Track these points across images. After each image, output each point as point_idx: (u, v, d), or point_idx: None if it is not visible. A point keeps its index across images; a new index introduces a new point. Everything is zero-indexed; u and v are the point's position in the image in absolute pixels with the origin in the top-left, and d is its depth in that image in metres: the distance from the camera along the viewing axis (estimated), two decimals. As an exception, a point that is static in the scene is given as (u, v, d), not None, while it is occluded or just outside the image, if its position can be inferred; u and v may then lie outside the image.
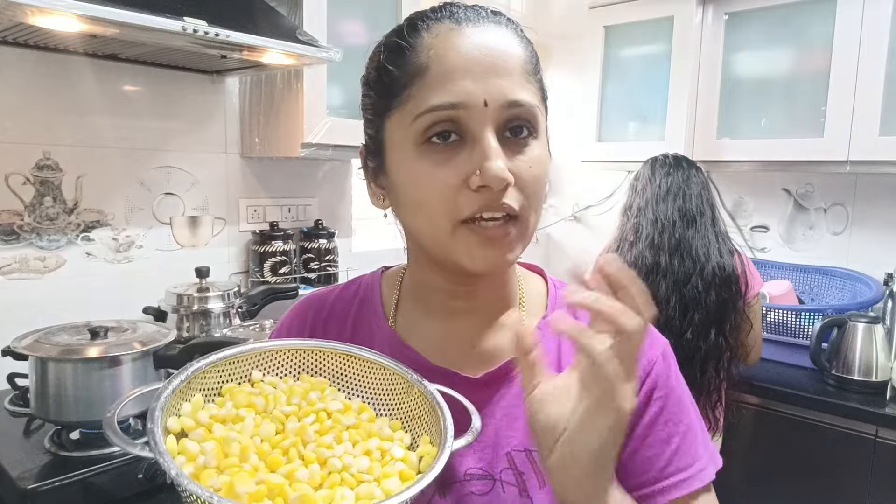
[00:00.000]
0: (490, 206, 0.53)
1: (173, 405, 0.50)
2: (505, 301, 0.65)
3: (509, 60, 0.55)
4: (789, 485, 1.78)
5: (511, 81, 0.54)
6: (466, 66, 0.53)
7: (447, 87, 0.53)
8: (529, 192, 0.55)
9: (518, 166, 0.54)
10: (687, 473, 0.60)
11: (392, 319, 0.67)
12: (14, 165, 1.40)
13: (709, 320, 1.62)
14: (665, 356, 0.64)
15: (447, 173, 0.54)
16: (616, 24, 2.33)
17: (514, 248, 0.56)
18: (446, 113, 0.53)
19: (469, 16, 0.56)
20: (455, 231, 0.55)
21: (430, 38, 0.55)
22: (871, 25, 1.82)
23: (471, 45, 0.54)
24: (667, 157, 1.78)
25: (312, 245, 1.89)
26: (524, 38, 0.58)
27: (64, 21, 1.07)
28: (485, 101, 0.53)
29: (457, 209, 0.54)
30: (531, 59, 0.58)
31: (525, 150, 0.55)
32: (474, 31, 0.55)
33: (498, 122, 0.54)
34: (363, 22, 1.72)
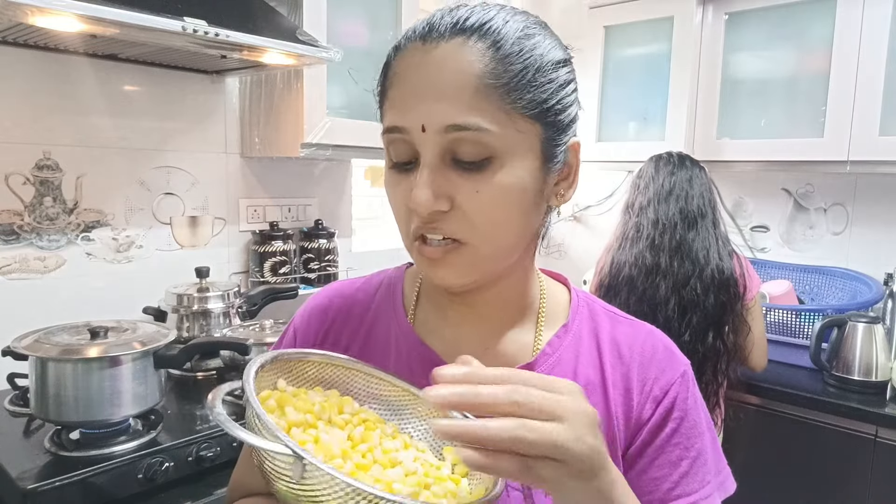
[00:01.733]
0: (426, 228, 0.55)
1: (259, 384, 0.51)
2: (520, 308, 0.65)
3: (460, 80, 0.51)
4: (789, 485, 1.78)
5: (455, 104, 0.51)
6: (414, 90, 0.53)
7: (397, 110, 0.55)
8: (476, 219, 0.53)
9: (464, 192, 0.53)
10: (690, 500, 0.60)
11: (411, 316, 0.67)
12: (14, 165, 1.40)
13: (707, 322, 1.62)
14: (685, 378, 0.63)
15: (400, 193, 0.56)
16: (616, 24, 2.33)
17: (462, 268, 0.56)
18: (395, 136, 0.55)
19: (438, 28, 0.54)
20: (411, 246, 0.57)
21: (398, 59, 0.56)
22: (871, 26, 1.82)
23: (421, 67, 0.53)
24: (671, 156, 1.77)
25: (312, 245, 1.89)
26: (506, 47, 0.53)
27: (64, 21, 1.07)
28: (422, 126, 0.52)
29: (409, 227, 0.56)
30: (502, 73, 0.52)
31: (477, 174, 0.53)
32: (431, 51, 0.53)
33: (442, 146, 0.53)
34: (363, 22, 1.72)
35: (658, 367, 0.63)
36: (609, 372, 0.62)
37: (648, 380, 0.62)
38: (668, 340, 0.67)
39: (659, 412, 0.61)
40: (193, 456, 1.14)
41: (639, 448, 0.61)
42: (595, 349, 0.64)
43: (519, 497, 0.59)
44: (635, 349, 0.64)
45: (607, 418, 0.61)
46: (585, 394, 0.61)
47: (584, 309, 0.67)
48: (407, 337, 0.65)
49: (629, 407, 0.61)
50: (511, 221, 0.56)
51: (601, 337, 0.65)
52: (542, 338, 0.64)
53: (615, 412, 0.61)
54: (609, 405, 0.61)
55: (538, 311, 0.65)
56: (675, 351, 0.65)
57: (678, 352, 0.66)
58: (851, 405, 1.65)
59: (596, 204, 2.73)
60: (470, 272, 0.56)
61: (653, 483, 0.60)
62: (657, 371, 0.63)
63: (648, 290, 1.64)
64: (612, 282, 1.71)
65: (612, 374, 0.62)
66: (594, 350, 0.64)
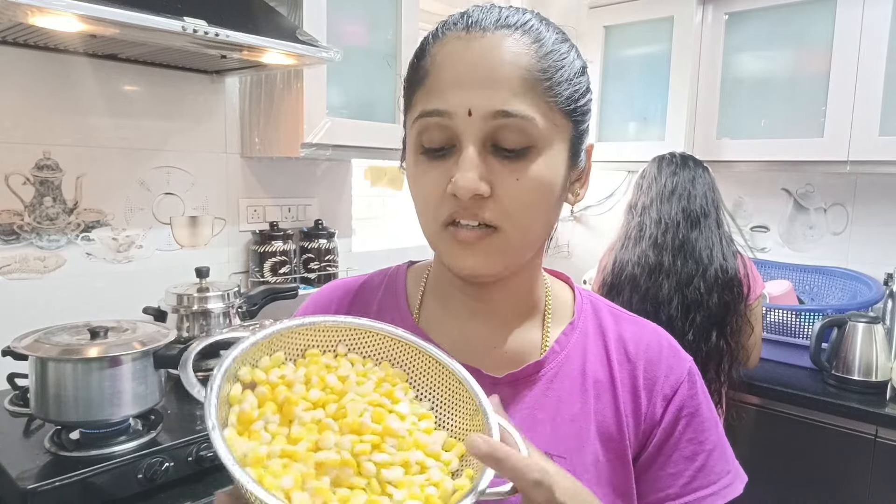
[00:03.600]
0: (463, 213, 0.54)
1: (252, 356, 0.51)
2: (528, 306, 0.65)
3: (507, 69, 0.53)
4: (789, 485, 1.78)
5: (503, 91, 0.53)
6: (458, 76, 0.54)
7: (437, 95, 0.55)
8: (513, 207, 0.54)
9: (502, 179, 0.54)
10: (709, 490, 0.61)
11: (416, 314, 0.67)
12: (14, 165, 1.40)
13: (710, 322, 1.62)
14: (691, 374, 0.64)
15: (432, 179, 0.55)
16: (616, 24, 2.33)
17: (493, 256, 0.56)
18: (433, 120, 0.55)
19: (482, 21, 0.55)
20: (440, 233, 0.57)
21: (437, 47, 0.56)
22: (871, 26, 1.82)
23: (468, 54, 0.54)
24: (674, 156, 1.77)
25: (312, 245, 1.89)
26: (547, 44, 0.56)
27: (64, 21, 1.07)
28: (469, 111, 0.53)
29: (440, 213, 0.56)
30: (545, 67, 0.55)
31: (517, 163, 0.54)
32: (478, 38, 0.54)
33: (485, 132, 0.53)
34: (363, 22, 1.72)
35: (666, 365, 0.64)
36: (617, 371, 0.63)
37: (658, 378, 0.63)
38: (671, 338, 0.67)
39: (670, 411, 0.62)
40: (193, 456, 1.14)
41: (655, 448, 0.62)
42: (602, 347, 0.64)
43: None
44: (641, 347, 0.64)
45: (616, 417, 0.62)
46: (595, 393, 0.62)
47: (588, 307, 0.68)
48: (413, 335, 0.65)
49: (638, 405, 0.62)
50: (542, 212, 0.57)
51: (607, 335, 0.65)
52: (549, 336, 0.64)
53: (624, 411, 0.62)
54: (618, 404, 0.62)
55: (544, 309, 0.66)
56: (679, 348, 0.67)
57: (682, 349, 0.67)
58: (851, 405, 1.65)
59: (596, 204, 2.73)
60: (500, 261, 0.57)
61: (670, 479, 0.61)
62: (666, 369, 0.63)
63: (652, 290, 1.64)
64: (614, 281, 1.71)
65: (620, 373, 0.63)
66: (601, 348, 0.64)
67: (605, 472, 0.60)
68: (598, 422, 0.61)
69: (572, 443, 0.60)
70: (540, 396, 0.61)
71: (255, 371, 0.50)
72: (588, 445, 0.60)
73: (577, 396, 0.62)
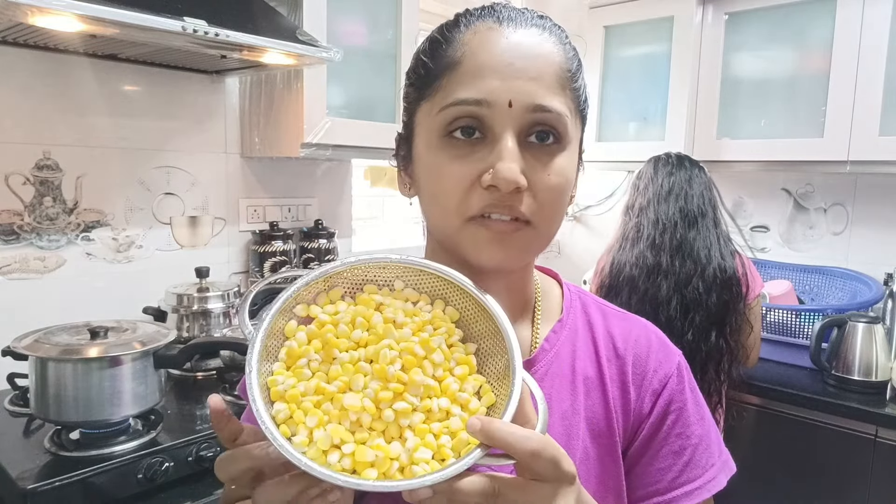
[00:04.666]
0: (498, 206, 0.53)
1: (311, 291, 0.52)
2: (520, 304, 0.65)
3: (543, 65, 0.54)
4: (789, 485, 1.78)
5: (541, 86, 0.53)
6: (497, 65, 0.53)
7: (475, 83, 0.53)
8: (544, 201, 0.54)
9: (536, 173, 0.53)
10: (695, 485, 0.61)
11: None
12: (14, 165, 1.40)
13: (709, 322, 1.62)
14: (680, 369, 0.65)
15: (463, 168, 0.53)
16: (616, 24, 2.33)
17: (523, 250, 0.56)
18: (470, 108, 0.53)
19: (511, 16, 0.56)
20: (464, 226, 0.55)
21: (468, 35, 0.56)
22: (871, 26, 1.82)
23: (505, 45, 0.54)
24: (670, 157, 1.77)
25: (312, 245, 1.89)
26: (567, 47, 0.57)
27: (64, 21, 1.07)
28: (510, 102, 0.52)
29: (467, 205, 0.54)
30: (570, 68, 0.56)
31: (547, 157, 0.54)
32: (513, 32, 0.54)
33: (521, 125, 0.53)
34: (363, 22, 1.72)
35: (655, 359, 0.64)
36: (606, 367, 0.63)
37: (647, 373, 0.63)
38: (660, 332, 0.68)
39: (659, 405, 0.62)
40: (193, 456, 1.14)
41: (643, 442, 0.62)
42: (591, 343, 0.65)
43: None
44: (630, 343, 0.65)
45: (606, 413, 0.62)
46: (585, 390, 0.62)
47: (577, 303, 0.68)
48: None
49: (627, 401, 0.62)
50: (563, 208, 0.58)
51: (596, 331, 0.65)
52: (539, 333, 0.64)
53: (614, 406, 0.62)
54: (608, 400, 0.62)
55: (534, 306, 0.66)
56: (668, 342, 0.67)
57: (670, 343, 0.67)
58: (851, 405, 1.65)
59: (596, 204, 2.73)
60: (527, 254, 0.58)
61: (658, 473, 0.61)
62: (655, 364, 0.64)
63: (650, 290, 1.64)
64: (612, 282, 1.71)
65: (609, 369, 0.63)
66: (590, 344, 0.65)
67: (594, 467, 0.61)
68: (588, 418, 0.62)
69: (562, 440, 0.60)
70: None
71: (311, 307, 0.52)
72: (578, 442, 0.60)
73: (566, 394, 0.62)
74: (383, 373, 0.48)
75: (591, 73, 2.39)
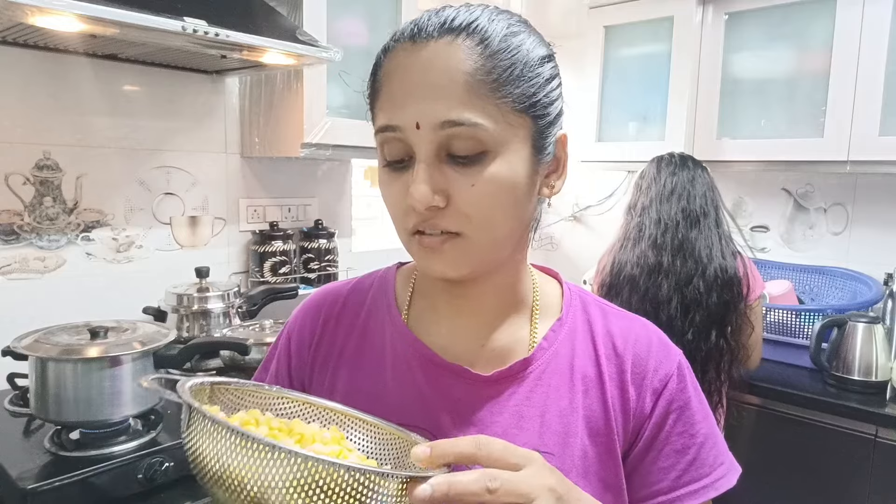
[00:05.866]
0: (424, 224, 0.55)
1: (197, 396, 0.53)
2: (514, 303, 0.65)
3: (451, 78, 0.53)
4: (789, 485, 1.78)
5: (449, 101, 0.52)
6: (404, 88, 0.54)
7: (389, 110, 0.55)
8: (472, 212, 0.54)
9: (460, 187, 0.54)
10: (701, 483, 0.61)
11: (405, 314, 0.67)
12: (14, 165, 1.40)
13: (710, 321, 1.62)
14: (680, 368, 0.64)
15: (395, 190, 0.57)
16: (616, 24, 2.33)
17: (459, 259, 0.57)
18: (389, 135, 0.55)
19: (427, 28, 0.55)
20: (409, 240, 0.58)
21: (386, 60, 0.57)
22: (871, 25, 1.82)
23: (412, 66, 0.54)
24: (673, 157, 1.77)
25: (312, 245, 1.89)
26: (494, 43, 0.54)
27: (64, 21, 1.07)
28: (416, 124, 0.53)
29: (405, 222, 0.57)
30: (492, 69, 0.53)
31: (472, 168, 0.54)
32: (421, 50, 0.54)
33: (436, 143, 0.53)
34: (363, 22, 1.72)
35: (655, 359, 0.64)
36: (605, 366, 0.63)
37: (647, 372, 0.63)
38: (660, 332, 0.67)
39: (660, 405, 0.62)
40: (193, 456, 1.14)
41: (646, 443, 0.62)
42: (590, 342, 0.65)
43: None
44: (629, 342, 0.64)
45: (604, 411, 0.62)
46: (583, 388, 0.62)
47: (577, 302, 0.68)
48: (402, 335, 0.66)
49: (626, 400, 0.62)
50: (505, 213, 0.57)
51: (595, 330, 0.65)
52: (537, 332, 0.64)
53: (612, 406, 0.62)
54: (606, 400, 0.62)
55: (532, 305, 0.66)
56: (668, 342, 0.66)
57: (671, 343, 0.67)
58: (851, 405, 1.65)
59: (596, 204, 2.73)
60: (466, 263, 0.57)
61: (661, 473, 0.61)
62: (655, 363, 0.63)
63: (651, 289, 1.64)
64: (613, 281, 1.71)
65: (609, 369, 0.63)
66: (589, 343, 0.64)
67: (593, 465, 0.61)
68: (586, 417, 0.61)
69: (560, 438, 0.60)
70: (528, 393, 0.62)
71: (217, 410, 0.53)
72: (576, 440, 0.60)
73: (565, 392, 0.62)
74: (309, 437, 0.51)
75: (591, 73, 2.39)
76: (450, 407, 0.62)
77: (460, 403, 0.62)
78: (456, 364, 0.63)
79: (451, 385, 0.62)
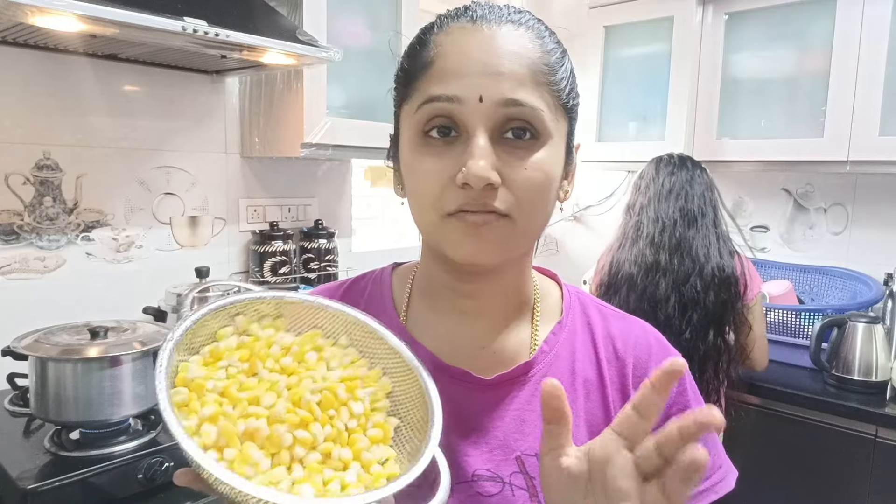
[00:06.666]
0: (472, 203, 0.53)
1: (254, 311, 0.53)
2: (517, 305, 0.65)
3: (516, 61, 0.54)
4: (789, 485, 1.78)
5: (513, 81, 0.53)
6: (468, 63, 0.54)
7: (446, 81, 0.54)
8: (522, 196, 0.54)
9: (512, 168, 0.54)
10: (701, 487, 0.61)
11: (403, 316, 0.66)
12: (14, 165, 1.40)
13: (707, 320, 1.62)
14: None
15: (438, 167, 0.54)
16: (616, 24, 2.33)
17: (499, 243, 0.55)
18: (441, 105, 0.54)
19: (485, 15, 0.56)
20: (441, 222, 0.55)
21: (441, 35, 0.57)
22: (871, 25, 1.82)
23: (477, 43, 0.54)
24: (672, 157, 1.78)
25: (312, 245, 1.89)
26: (546, 41, 0.57)
27: (64, 21, 1.07)
28: (480, 97, 0.53)
29: (442, 203, 0.54)
30: (547, 62, 0.56)
31: (524, 152, 0.54)
32: (486, 29, 0.55)
33: (494, 120, 0.53)
34: (363, 22, 1.72)
35: (656, 362, 0.63)
36: (606, 369, 0.63)
37: (647, 376, 0.62)
38: (659, 334, 0.67)
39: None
40: (193, 456, 1.14)
41: None
42: (591, 345, 0.64)
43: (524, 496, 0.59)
44: (629, 345, 0.64)
45: (606, 415, 0.61)
46: (585, 392, 0.61)
47: (577, 304, 0.67)
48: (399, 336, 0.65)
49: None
50: (546, 203, 0.57)
51: (595, 333, 0.65)
52: (538, 335, 0.64)
53: (614, 409, 0.62)
54: (608, 403, 0.62)
55: (533, 307, 0.66)
56: (667, 344, 0.66)
57: (669, 345, 0.67)
58: (851, 405, 1.65)
59: (596, 204, 2.73)
60: (505, 248, 0.56)
61: None
62: (655, 366, 0.63)
63: (648, 288, 1.64)
64: (611, 280, 1.71)
65: (609, 372, 0.63)
66: (590, 346, 0.64)
67: None
68: (588, 421, 0.61)
69: None
70: (529, 397, 0.61)
71: (251, 323, 0.52)
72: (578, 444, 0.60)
73: (566, 396, 0.62)
74: (297, 398, 0.47)
75: (591, 73, 2.39)
76: (450, 411, 0.61)
77: (461, 408, 0.60)
78: (456, 367, 0.62)
79: (451, 389, 0.61)
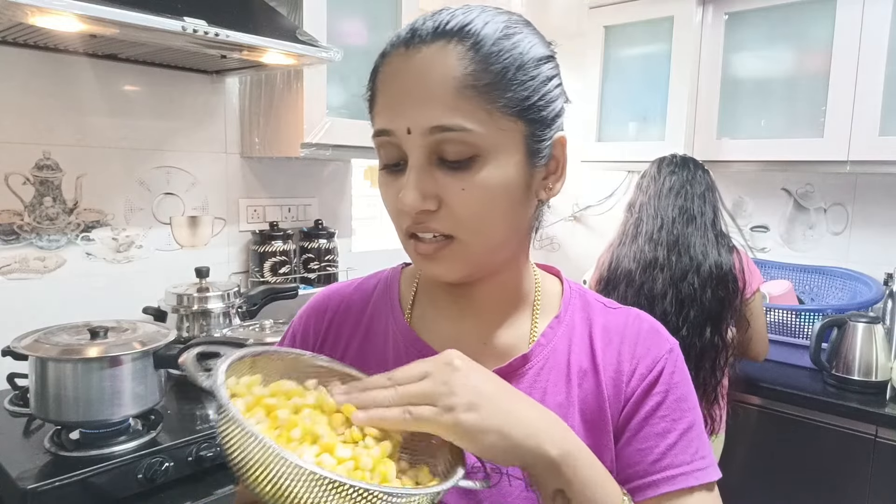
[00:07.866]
0: (417, 227, 0.57)
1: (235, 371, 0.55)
2: (516, 301, 0.66)
3: (441, 84, 0.53)
4: (789, 484, 1.78)
5: (438, 107, 0.53)
6: (398, 94, 0.56)
7: (383, 115, 0.57)
8: (463, 215, 0.55)
9: (449, 190, 0.55)
10: (680, 470, 0.60)
11: (409, 314, 0.68)
12: (14, 165, 1.40)
13: (704, 318, 1.62)
14: (672, 354, 0.64)
15: (391, 193, 0.58)
16: (616, 24, 2.33)
17: (455, 263, 0.58)
18: (383, 139, 0.57)
19: (421, 33, 0.55)
20: (406, 242, 0.60)
21: (384, 66, 0.58)
22: (871, 26, 1.82)
23: (405, 72, 0.55)
24: (674, 157, 1.78)
25: (312, 245, 1.89)
26: (486, 48, 0.54)
27: (64, 21, 1.07)
28: (408, 129, 0.54)
29: (400, 225, 0.59)
30: (487, 71, 0.54)
31: (463, 173, 0.55)
32: (415, 55, 0.55)
33: (426, 148, 0.55)
34: (363, 22, 1.72)
35: (644, 345, 0.64)
36: (600, 357, 0.64)
37: (636, 357, 0.63)
38: (655, 321, 0.68)
39: (643, 386, 0.62)
40: (193, 456, 1.14)
41: (623, 421, 0.62)
42: (587, 337, 0.65)
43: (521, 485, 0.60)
44: (622, 330, 0.65)
45: (599, 400, 0.62)
46: (579, 381, 0.63)
47: (577, 300, 0.68)
48: (405, 334, 0.67)
49: (619, 386, 0.63)
50: (498, 216, 0.57)
51: (593, 326, 0.66)
52: (537, 329, 0.65)
53: (607, 394, 0.62)
54: (601, 388, 0.63)
55: (533, 303, 0.67)
56: (662, 330, 0.67)
57: (665, 331, 0.67)
58: (851, 405, 1.65)
59: (596, 204, 2.73)
60: (462, 266, 0.59)
61: (638, 454, 0.61)
62: (644, 349, 0.64)
63: (646, 284, 1.64)
64: (610, 276, 1.72)
65: (603, 359, 0.64)
66: (586, 338, 0.65)
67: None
68: (582, 409, 0.62)
69: None
70: (527, 390, 0.62)
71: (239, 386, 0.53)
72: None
73: (562, 386, 0.63)
74: (331, 408, 0.52)
75: (591, 73, 2.39)
76: None
77: None
78: None
79: None
